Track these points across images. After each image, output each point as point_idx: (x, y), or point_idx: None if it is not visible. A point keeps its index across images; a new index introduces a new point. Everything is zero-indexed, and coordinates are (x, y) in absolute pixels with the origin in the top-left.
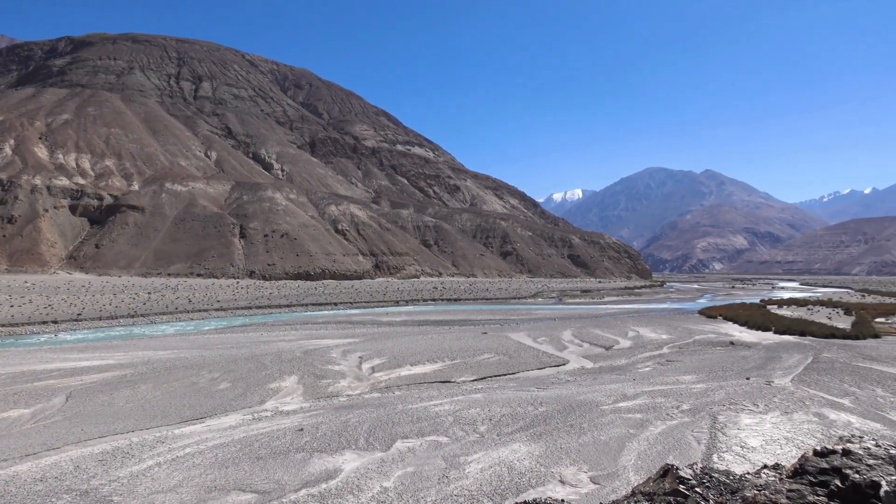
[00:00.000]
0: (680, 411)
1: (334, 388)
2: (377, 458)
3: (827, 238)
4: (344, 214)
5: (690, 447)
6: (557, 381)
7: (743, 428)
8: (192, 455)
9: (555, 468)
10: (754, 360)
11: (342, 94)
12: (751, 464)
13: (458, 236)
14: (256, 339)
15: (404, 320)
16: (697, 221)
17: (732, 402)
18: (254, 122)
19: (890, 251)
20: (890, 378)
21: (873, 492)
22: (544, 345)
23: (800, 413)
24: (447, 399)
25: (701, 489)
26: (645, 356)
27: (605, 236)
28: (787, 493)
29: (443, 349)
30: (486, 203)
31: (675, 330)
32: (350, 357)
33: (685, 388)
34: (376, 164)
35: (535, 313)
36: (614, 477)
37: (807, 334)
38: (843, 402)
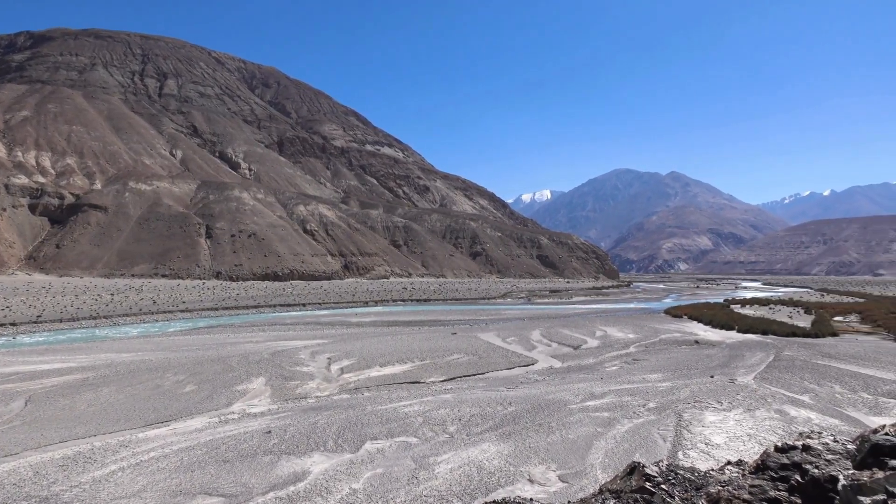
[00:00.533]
0: (646, 409)
1: (303, 389)
2: (346, 459)
3: (788, 239)
4: (312, 214)
5: (657, 445)
6: (526, 380)
7: (707, 425)
8: (156, 459)
9: (524, 467)
10: (718, 358)
11: (311, 93)
12: (715, 460)
13: (427, 237)
14: (223, 340)
15: (374, 321)
16: (663, 222)
17: (697, 400)
18: (220, 121)
19: (847, 252)
20: (847, 375)
21: (832, 486)
22: (513, 345)
23: (762, 410)
24: (417, 400)
25: (667, 486)
26: (612, 355)
27: (574, 237)
28: (750, 488)
29: (412, 350)
30: (456, 203)
31: (641, 329)
32: (319, 358)
33: (651, 387)
34: (345, 164)
35: (504, 313)
36: (582, 475)
37: (769, 333)
38: (803, 399)
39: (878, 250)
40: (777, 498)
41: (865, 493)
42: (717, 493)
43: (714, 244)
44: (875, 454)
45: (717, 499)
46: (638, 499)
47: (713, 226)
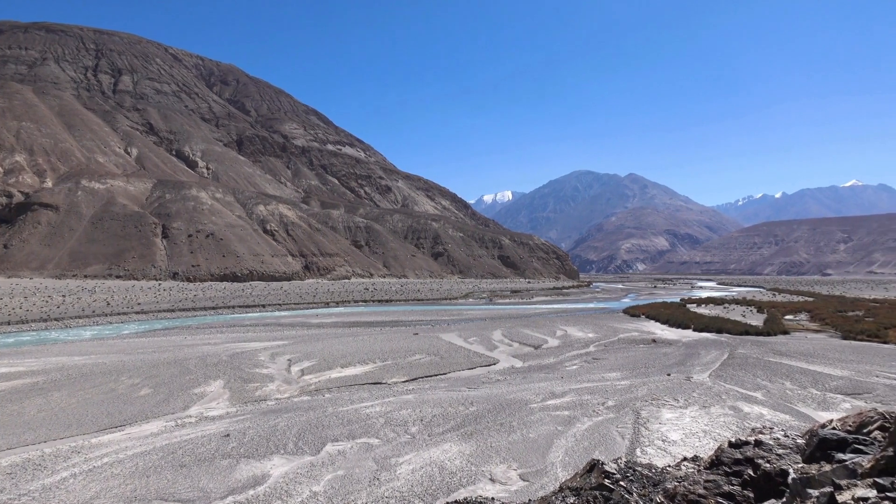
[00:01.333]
0: (605, 408)
1: (262, 391)
2: (307, 462)
3: (741, 240)
4: (272, 214)
5: (615, 442)
6: (488, 380)
7: (664, 422)
8: (110, 465)
9: (485, 467)
10: (675, 356)
11: (271, 91)
12: (672, 457)
13: (389, 237)
14: (180, 342)
15: (335, 322)
16: (622, 223)
17: (655, 398)
18: (177, 119)
19: (797, 252)
20: (797, 372)
21: (782, 479)
22: (475, 345)
23: (717, 407)
24: (378, 401)
25: (625, 483)
26: (572, 354)
27: (535, 237)
28: (705, 483)
29: (374, 350)
30: (418, 204)
31: (601, 329)
32: (279, 360)
33: (610, 385)
34: (306, 164)
35: (466, 314)
36: (543, 473)
37: (723, 332)
38: (755, 396)
39: (826, 251)
40: (731, 492)
41: (814, 486)
42: (674, 489)
43: (671, 245)
44: (823, 448)
45: (674, 494)
46: (597, 496)
47: (670, 227)
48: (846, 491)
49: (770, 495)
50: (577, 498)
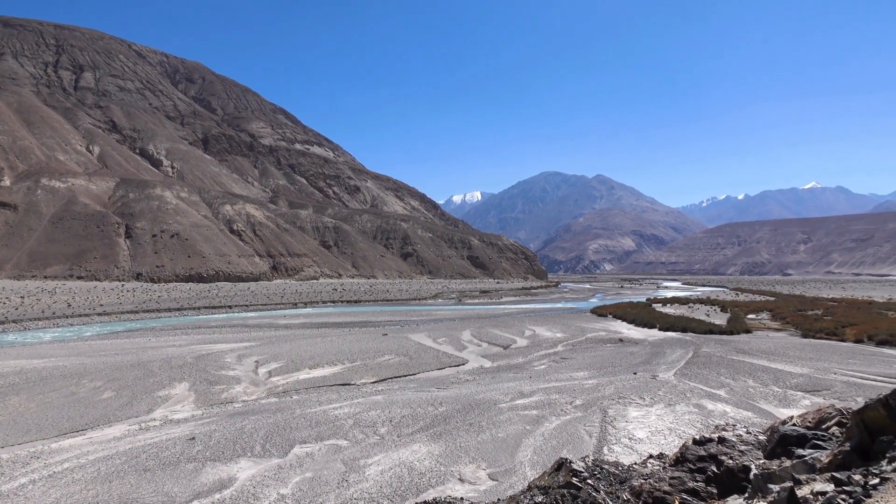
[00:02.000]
0: (573, 406)
1: (229, 393)
2: (274, 464)
3: (705, 240)
4: (239, 214)
5: (583, 441)
6: (457, 380)
7: (631, 420)
8: (71, 470)
9: (454, 467)
10: (641, 355)
11: (238, 89)
12: (638, 454)
13: (358, 237)
14: (144, 344)
15: (303, 323)
16: (589, 224)
17: (621, 396)
18: (141, 116)
19: (759, 252)
20: (759, 370)
21: (745, 475)
22: (444, 345)
23: (682, 405)
24: (347, 402)
25: (593, 481)
26: (541, 354)
27: (503, 238)
28: (670, 480)
29: (342, 351)
30: (387, 204)
31: (568, 328)
32: (246, 361)
33: (578, 384)
34: (274, 163)
35: (435, 314)
36: (512, 473)
37: (688, 331)
38: (719, 394)
39: (787, 251)
40: (695, 489)
41: (774, 481)
42: (640, 486)
43: (637, 245)
44: (784, 444)
45: (640, 491)
46: (565, 494)
47: (636, 228)
48: (805, 485)
49: (733, 491)
50: (545, 496)
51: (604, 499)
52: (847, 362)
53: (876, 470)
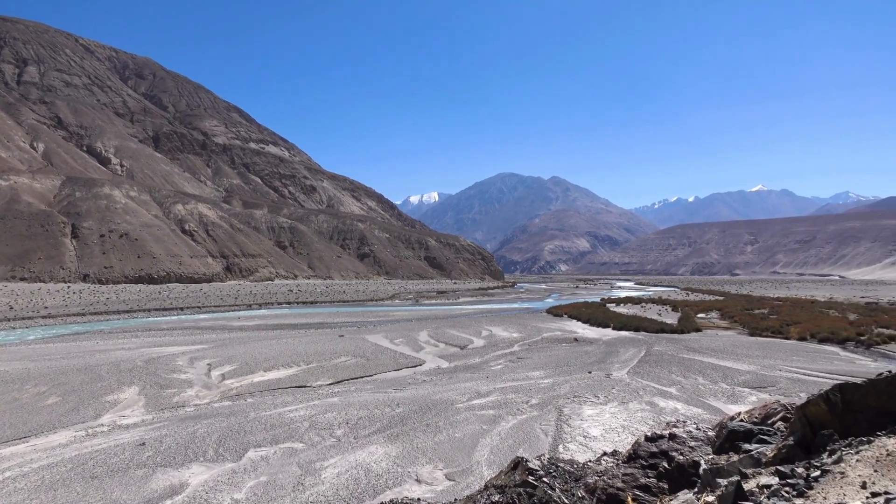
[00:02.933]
0: (529, 406)
1: (180, 397)
2: (228, 469)
3: (657, 241)
4: (192, 214)
5: (539, 439)
6: (414, 381)
7: (586, 419)
8: (13, 479)
9: (411, 468)
10: (595, 354)
11: (190, 86)
12: (592, 452)
13: (314, 238)
14: (91, 348)
15: (257, 324)
16: (545, 225)
17: (576, 395)
18: (89, 113)
19: (709, 253)
20: (709, 367)
21: (694, 470)
22: (401, 346)
23: (635, 402)
24: (303, 404)
25: (548, 479)
26: (497, 354)
27: (461, 239)
28: (623, 477)
29: (298, 353)
30: (344, 204)
31: (525, 328)
32: (198, 364)
33: (534, 384)
34: (227, 162)
35: (392, 315)
36: (468, 472)
37: (641, 330)
38: (670, 391)
39: (735, 252)
40: (647, 485)
41: (723, 476)
42: (594, 483)
43: (592, 246)
44: (731, 439)
45: (594, 488)
46: (521, 493)
47: (591, 229)
48: (752, 479)
49: (683, 486)
50: (501, 495)
51: (559, 497)
52: (791, 359)
53: (817, 463)
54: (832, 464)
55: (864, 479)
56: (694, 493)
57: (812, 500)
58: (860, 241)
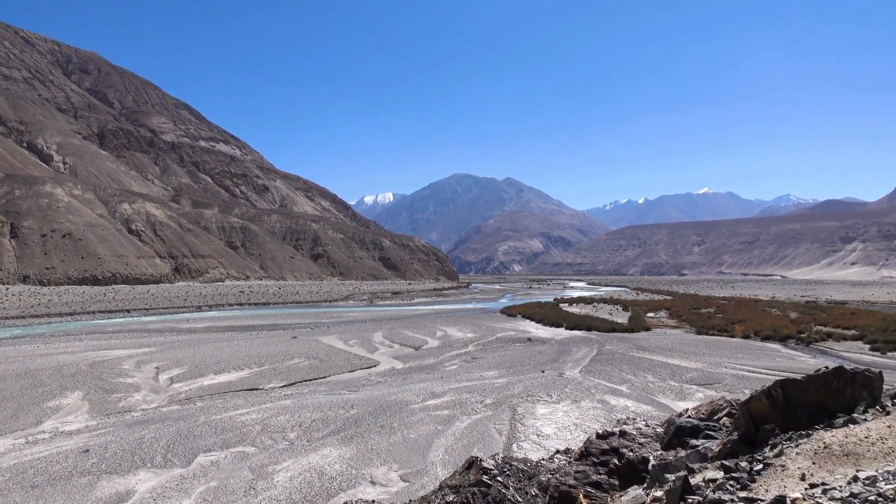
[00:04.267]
0: (484, 405)
1: (127, 402)
2: (176, 474)
3: (609, 242)
4: (139, 213)
5: (493, 439)
6: (369, 382)
7: (539, 417)
8: None
9: (366, 469)
10: (549, 354)
11: (137, 82)
12: (545, 450)
13: (266, 238)
14: (31, 352)
15: (207, 326)
16: (499, 226)
17: (530, 394)
18: (29, 108)
19: (658, 254)
20: (658, 365)
21: (644, 466)
22: (355, 347)
23: (587, 401)
24: (255, 407)
25: (502, 478)
26: (452, 354)
27: (415, 239)
28: (575, 474)
29: (250, 355)
30: (297, 204)
31: (479, 328)
32: (145, 368)
33: (488, 384)
34: (176, 161)
35: (346, 316)
36: (423, 473)
37: (592, 329)
38: (621, 389)
39: (683, 253)
40: (598, 481)
41: (670, 471)
42: (547, 481)
43: (545, 247)
44: (679, 435)
45: (547, 486)
46: (476, 492)
47: (544, 230)
48: (698, 474)
49: (634, 481)
50: (456, 495)
51: (513, 495)
52: (736, 357)
53: (760, 456)
54: (773, 457)
55: (804, 472)
56: (643, 489)
57: (754, 492)
58: (800, 243)
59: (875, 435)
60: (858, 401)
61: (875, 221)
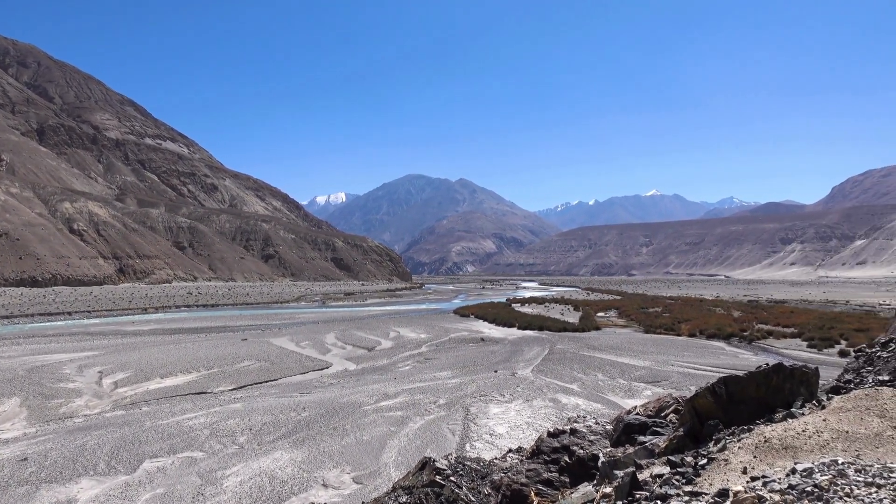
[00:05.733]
0: (437, 406)
1: (68, 408)
2: (121, 482)
3: (560, 243)
4: (81, 213)
5: (447, 439)
6: (321, 384)
7: (492, 417)
8: None
9: (318, 472)
10: (501, 353)
11: (79, 76)
12: (498, 449)
13: (215, 238)
14: None
15: (154, 329)
16: (453, 227)
17: (483, 394)
18: None
19: (608, 255)
20: (608, 364)
21: (594, 463)
22: (307, 349)
23: (538, 399)
24: (203, 411)
25: (455, 478)
26: (405, 355)
27: (368, 240)
28: (527, 472)
29: (198, 358)
30: (247, 204)
31: (432, 329)
32: (88, 372)
33: (442, 384)
34: (121, 158)
35: (298, 317)
36: (376, 475)
37: (544, 329)
38: (572, 388)
39: (632, 253)
40: (550, 479)
41: (619, 467)
42: (500, 480)
43: (498, 248)
44: (628, 432)
45: (500, 485)
46: (429, 493)
47: (497, 230)
48: (646, 469)
49: (584, 478)
50: (409, 496)
51: (466, 495)
52: (683, 355)
53: (704, 451)
54: (717, 452)
55: (745, 465)
56: (593, 486)
57: (699, 486)
58: (743, 244)
59: (812, 429)
60: (797, 396)
61: (812, 223)
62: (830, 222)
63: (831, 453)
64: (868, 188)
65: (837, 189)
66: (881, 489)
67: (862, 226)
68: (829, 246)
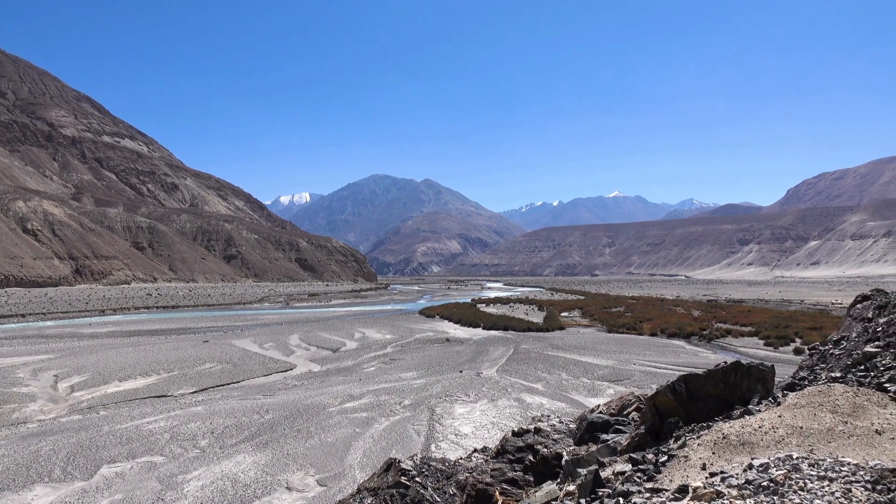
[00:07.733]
0: (402, 407)
1: (21, 413)
2: (77, 488)
3: (525, 244)
4: (35, 212)
5: (412, 439)
6: (285, 386)
7: (457, 417)
8: None
9: (281, 475)
10: (467, 354)
11: (33, 72)
12: (463, 449)
13: (176, 238)
14: None
15: (112, 331)
16: (418, 227)
17: (448, 395)
18: None
19: (571, 255)
20: (571, 363)
21: (558, 461)
22: (271, 350)
23: (503, 399)
24: (163, 415)
25: (421, 478)
26: (370, 356)
27: (333, 240)
28: (492, 472)
29: (158, 361)
30: (209, 204)
31: (398, 330)
32: (42, 376)
33: (407, 385)
34: (77, 156)
35: (261, 318)
36: (341, 477)
37: (509, 329)
38: (536, 387)
39: (595, 254)
40: (514, 478)
41: (582, 465)
42: (465, 480)
43: (463, 248)
44: (591, 430)
45: (465, 485)
46: (394, 494)
47: (462, 231)
48: (608, 467)
49: (548, 477)
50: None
51: (431, 495)
52: (644, 353)
53: (665, 448)
54: (677, 449)
55: (704, 461)
56: (557, 484)
57: (660, 483)
58: (702, 245)
59: (768, 425)
60: (754, 393)
61: (769, 225)
62: (786, 224)
63: (786, 448)
64: (821, 190)
65: (792, 191)
66: (833, 482)
67: (815, 227)
68: (785, 247)
